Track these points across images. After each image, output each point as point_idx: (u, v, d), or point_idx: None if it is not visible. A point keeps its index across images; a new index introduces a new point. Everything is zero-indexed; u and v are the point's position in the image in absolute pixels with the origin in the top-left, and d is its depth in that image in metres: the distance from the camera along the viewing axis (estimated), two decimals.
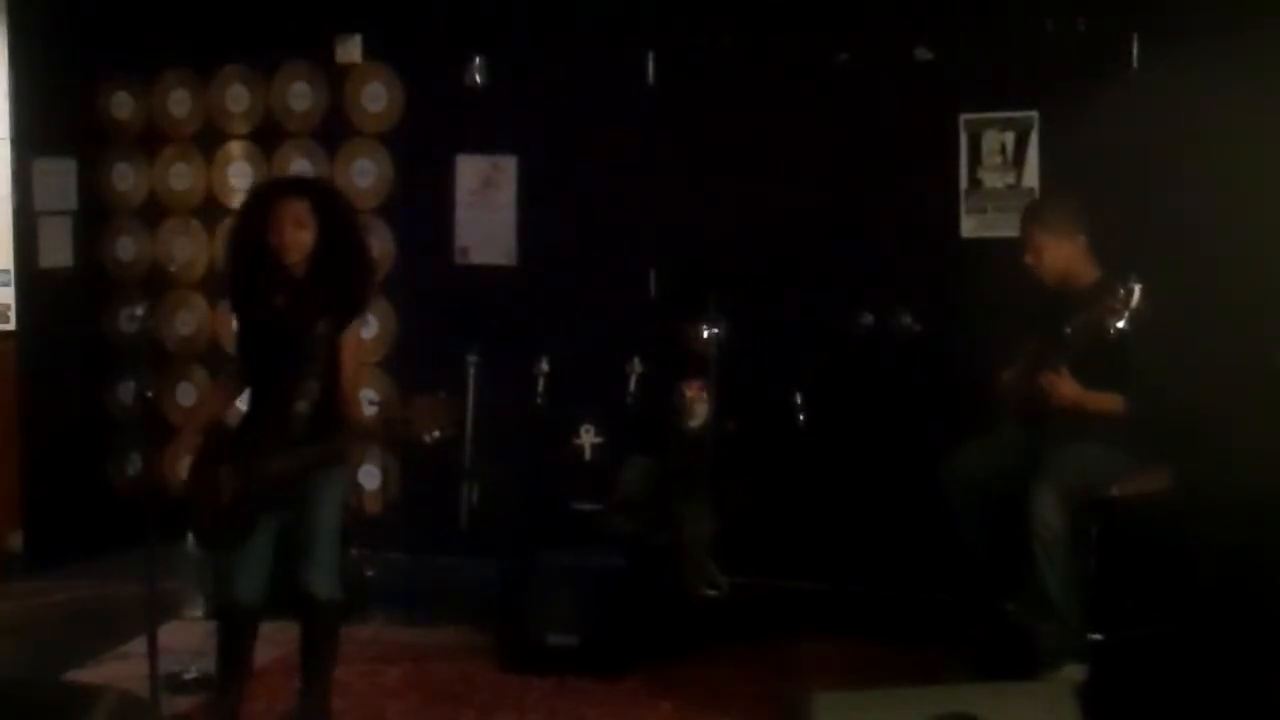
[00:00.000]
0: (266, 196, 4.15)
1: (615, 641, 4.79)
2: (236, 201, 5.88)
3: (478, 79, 6.11)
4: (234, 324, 4.14)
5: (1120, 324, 4.11)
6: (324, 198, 4.18)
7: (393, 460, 6.17)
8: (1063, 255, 4.54)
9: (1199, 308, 4.71)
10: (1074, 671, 4.25)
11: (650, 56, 5.90)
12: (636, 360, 5.45)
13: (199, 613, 5.11)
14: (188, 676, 4.41)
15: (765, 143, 5.70)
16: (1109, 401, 4.40)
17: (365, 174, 6.34)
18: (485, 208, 6.19)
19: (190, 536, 4.39)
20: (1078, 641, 4.34)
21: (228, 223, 4.50)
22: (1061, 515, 4.28)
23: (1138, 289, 4.09)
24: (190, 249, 6.59)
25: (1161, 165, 5.02)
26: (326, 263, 4.09)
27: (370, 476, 6.27)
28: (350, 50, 6.28)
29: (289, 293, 4.06)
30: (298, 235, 4.02)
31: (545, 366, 5.61)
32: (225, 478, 3.97)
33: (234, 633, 4.12)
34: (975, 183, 5.52)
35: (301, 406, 4.00)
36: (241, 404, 4.31)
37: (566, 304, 5.91)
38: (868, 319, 5.65)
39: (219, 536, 4.03)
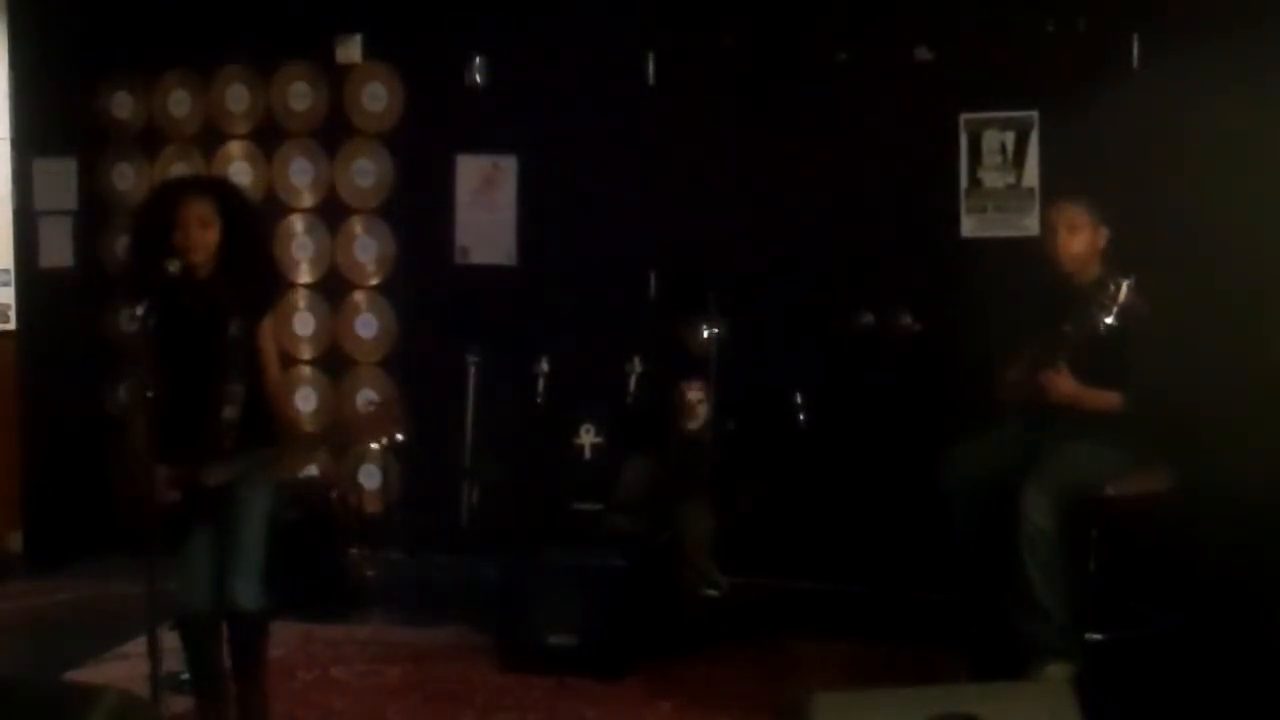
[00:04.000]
0: (170, 196, 4.06)
1: (615, 641, 4.79)
2: None
3: (478, 79, 6.11)
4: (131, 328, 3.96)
5: (1109, 320, 4.12)
6: (227, 196, 4.11)
7: (393, 460, 6.17)
8: (1090, 242, 4.52)
9: (1199, 307, 4.72)
10: (1060, 671, 4.24)
11: (650, 56, 5.91)
12: (636, 360, 5.45)
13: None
14: (187, 676, 4.40)
15: (765, 143, 5.70)
16: (1107, 399, 4.40)
17: (365, 174, 6.34)
18: (485, 208, 6.19)
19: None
20: (1064, 641, 4.33)
21: (128, 222, 4.38)
22: (1050, 515, 4.28)
23: (1126, 285, 4.10)
24: None
25: (1161, 165, 5.02)
26: (231, 262, 4.01)
27: (370, 476, 6.27)
28: (350, 50, 6.28)
29: (196, 294, 3.97)
30: (203, 235, 3.93)
31: (545, 366, 5.61)
32: (158, 488, 3.86)
33: (194, 641, 4.07)
34: (975, 183, 5.52)
35: (229, 413, 3.92)
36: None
37: (566, 304, 5.91)
38: (868, 319, 5.65)
39: (153, 545, 3.88)
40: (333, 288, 6.40)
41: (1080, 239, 4.53)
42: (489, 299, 6.00)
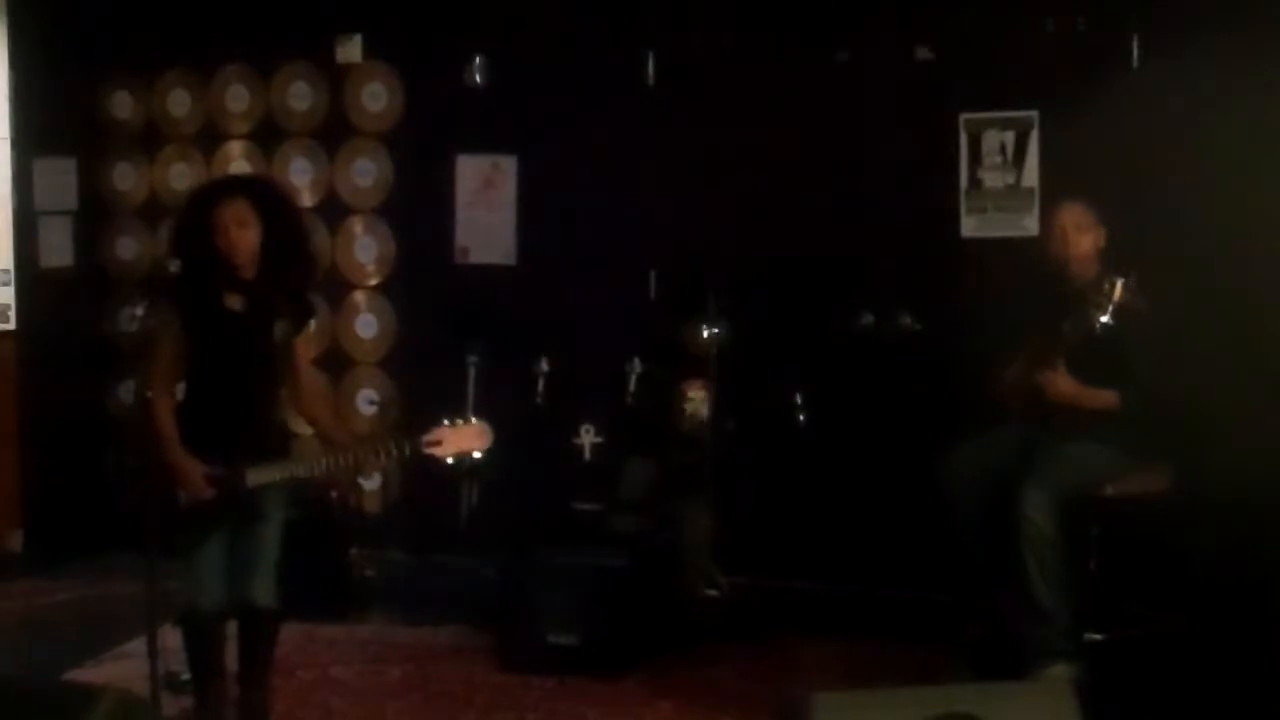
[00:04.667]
0: (208, 198, 4.06)
1: (615, 641, 4.79)
2: None
3: (478, 79, 6.11)
4: (167, 331, 3.93)
5: (1104, 318, 4.11)
6: (265, 195, 4.09)
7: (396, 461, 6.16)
8: (1094, 242, 4.53)
9: (1198, 306, 4.72)
10: (1061, 672, 4.24)
11: (650, 56, 5.91)
12: (636, 360, 5.45)
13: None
14: (187, 676, 4.40)
15: (765, 143, 5.70)
16: (1105, 398, 4.40)
17: (365, 174, 6.34)
18: (485, 208, 6.19)
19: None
20: (1065, 642, 4.33)
21: (170, 225, 4.39)
22: (1051, 516, 4.28)
23: (1121, 282, 4.10)
24: None
25: (1161, 165, 5.02)
26: (275, 262, 4.00)
27: (370, 476, 6.27)
28: (350, 50, 6.28)
29: (242, 295, 3.97)
30: (242, 236, 3.92)
31: (545, 366, 5.61)
32: (194, 485, 3.87)
33: (199, 640, 4.06)
34: (975, 183, 5.52)
35: (279, 416, 3.97)
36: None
37: (566, 304, 5.91)
38: (868, 319, 5.65)
39: (172, 544, 3.88)
40: (333, 288, 6.40)
41: (1088, 239, 4.54)
42: (489, 299, 6.00)
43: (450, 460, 3.98)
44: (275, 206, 4.08)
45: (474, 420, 4.05)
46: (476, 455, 4.04)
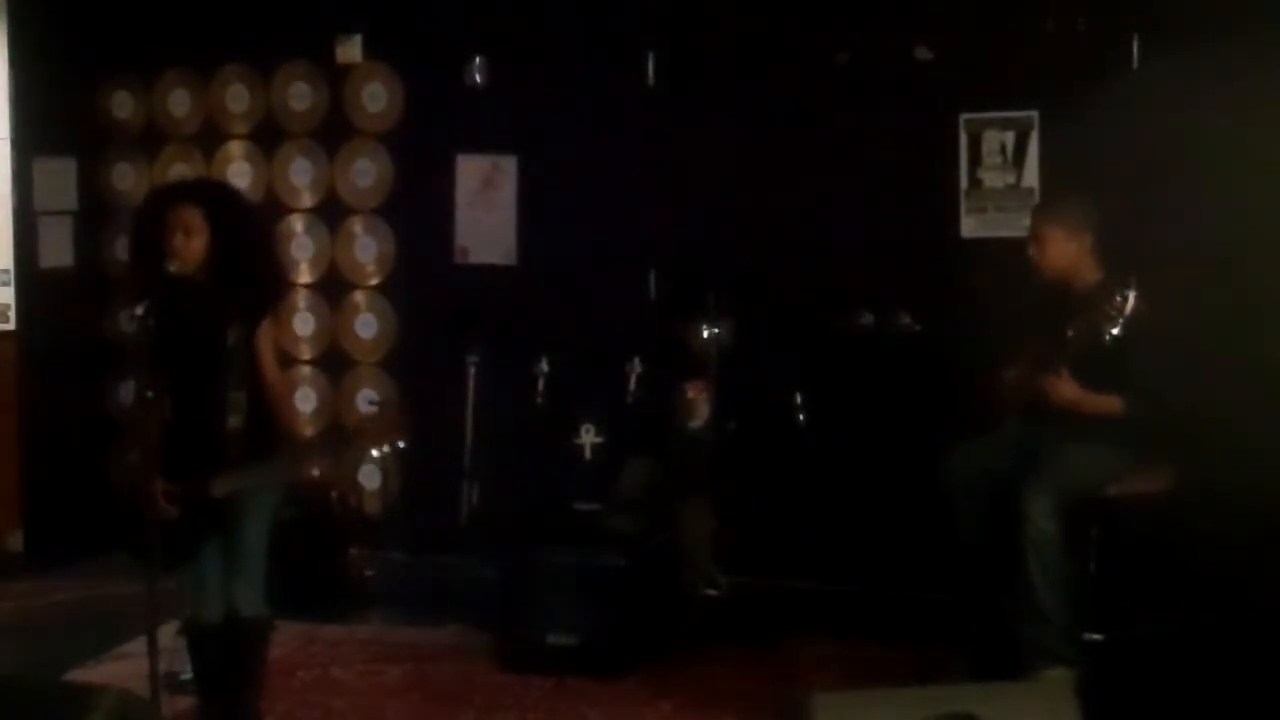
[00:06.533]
0: (160, 202, 4.03)
1: (615, 641, 4.79)
2: None
3: (478, 79, 6.11)
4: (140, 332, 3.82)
5: (1115, 329, 4.10)
6: (217, 200, 4.03)
7: (393, 460, 6.16)
8: (1067, 253, 4.53)
9: (1199, 308, 4.71)
10: (1060, 675, 4.23)
11: (650, 56, 5.91)
12: (636, 360, 5.45)
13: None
14: (187, 676, 4.40)
15: (765, 143, 5.70)
16: (1108, 403, 4.39)
17: (365, 174, 6.34)
18: (485, 208, 6.19)
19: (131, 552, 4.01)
20: (1066, 645, 4.32)
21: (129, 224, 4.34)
22: (1054, 518, 4.27)
23: (1133, 294, 4.08)
24: None
25: (1161, 165, 5.02)
26: (228, 266, 3.94)
27: (370, 476, 6.27)
28: (350, 50, 6.28)
29: (196, 300, 3.93)
30: (188, 243, 3.88)
31: (545, 366, 5.61)
32: (165, 499, 3.82)
33: (201, 649, 4.06)
34: (975, 183, 5.52)
35: (234, 423, 3.88)
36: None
37: (566, 304, 5.91)
38: (868, 319, 5.65)
39: (160, 556, 3.79)
40: (333, 288, 6.40)
41: (1052, 250, 4.53)
42: (489, 299, 6.00)
43: (375, 454, 3.94)
44: (227, 211, 4.03)
45: (384, 406, 3.99)
46: (400, 444, 4.00)
